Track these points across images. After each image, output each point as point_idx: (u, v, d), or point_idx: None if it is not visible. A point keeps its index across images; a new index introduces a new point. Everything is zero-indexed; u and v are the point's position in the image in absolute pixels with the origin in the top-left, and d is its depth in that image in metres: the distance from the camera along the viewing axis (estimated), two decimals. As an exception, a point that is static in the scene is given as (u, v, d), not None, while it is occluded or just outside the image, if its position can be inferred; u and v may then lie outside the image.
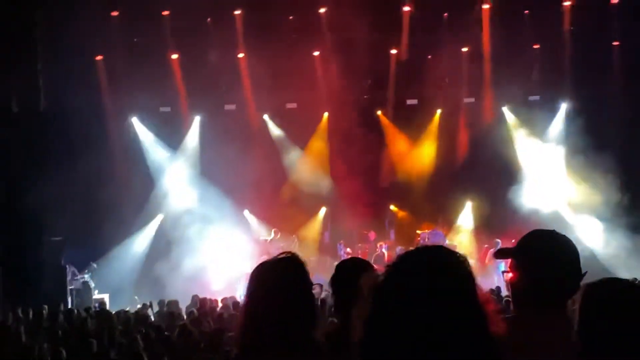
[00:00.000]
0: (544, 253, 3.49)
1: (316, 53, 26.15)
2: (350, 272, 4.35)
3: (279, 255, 3.45)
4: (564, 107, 26.60)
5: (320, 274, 14.91)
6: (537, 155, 26.50)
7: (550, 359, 3.36)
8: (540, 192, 25.92)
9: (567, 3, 25.36)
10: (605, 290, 3.09)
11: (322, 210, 27.01)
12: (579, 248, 3.54)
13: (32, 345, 10.88)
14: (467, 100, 26.96)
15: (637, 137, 24.58)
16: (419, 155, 27.27)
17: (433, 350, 2.06)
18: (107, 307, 20.00)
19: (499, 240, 23.89)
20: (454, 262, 2.21)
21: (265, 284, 3.30)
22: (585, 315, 3.05)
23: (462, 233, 26.81)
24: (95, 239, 23.99)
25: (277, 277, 3.32)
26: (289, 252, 3.45)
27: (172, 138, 26.50)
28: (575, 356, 3.06)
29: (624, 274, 21.32)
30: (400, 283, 2.16)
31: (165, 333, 11.71)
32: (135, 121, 26.25)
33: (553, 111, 26.72)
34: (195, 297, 18.00)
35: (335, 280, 4.41)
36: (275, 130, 27.24)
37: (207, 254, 24.71)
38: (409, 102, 27.10)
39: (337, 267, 4.61)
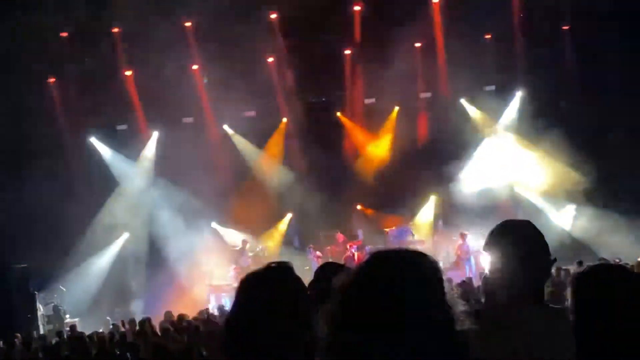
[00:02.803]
0: (513, 244, 3.48)
1: (270, 59, 26.12)
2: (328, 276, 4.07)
3: (269, 264, 3.06)
4: (518, 95, 26.83)
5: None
6: (496, 143, 26.71)
7: (527, 347, 3.36)
8: (503, 180, 26.16)
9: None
10: (598, 278, 3.06)
11: (288, 216, 26.96)
12: (550, 231, 3.56)
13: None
14: (423, 95, 27.08)
15: (591, 119, 24.85)
16: (381, 153, 27.33)
17: (397, 351, 2.04)
18: (79, 330, 19.76)
19: (465, 232, 24.08)
20: (421, 264, 2.17)
21: (251, 296, 2.97)
22: (581, 306, 3.01)
23: (429, 227, 26.91)
24: (61, 261, 23.75)
25: (265, 289, 2.95)
26: (281, 262, 3.08)
27: (131, 155, 26.29)
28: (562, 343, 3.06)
29: (601, 252, 21.67)
30: (365, 287, 2.13)
31: (140, 351, 11.61)
32: (94, 141, 25.99)
33: (508, 99, 26.96)
34: (168, 313, 17.85)
35: (314, 287, 4.12)
36: (236, 139, 27.12)
37: (176, 269, 24.58)
38: (366, 101, 27.18)
39: (316, 273, 4.46)
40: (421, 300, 2.09)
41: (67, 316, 22.61)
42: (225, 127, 27.01)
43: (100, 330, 17.72)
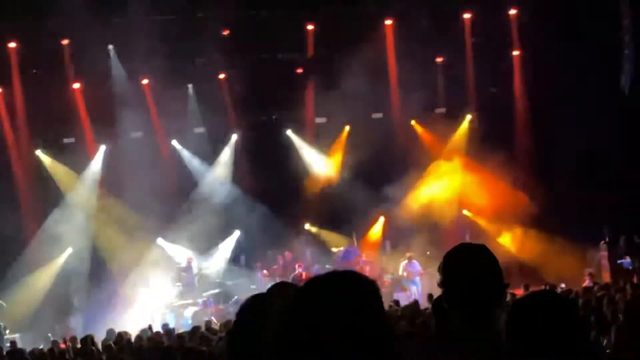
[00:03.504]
0: (465, 268, 3.51)
1: (222, 76, 26.04)
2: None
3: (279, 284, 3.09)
4: (468, 118, 27.10)
5: (241, 298, 14.75)
6: (445, 165, 26.91)
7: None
8: (451, 202, 26.35)
9: (467, 15, 25.95)
10: (529, 305, 3.31)
11: (236, 233, 26.78)
12: (496, 254, 3.58)
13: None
14: (375, 115, 27.17)
15: (539, 142, 25.22)
16: (330, 172, 27.34)
17: None
18: (20, 346, 19.34)
19: (411, 254, 24.24)
20: (361, 287, 2.22)
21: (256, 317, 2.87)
22: (513, 330, 3.23)
23: (376, 248, 26.95)
24: (1, 275, 23.32)
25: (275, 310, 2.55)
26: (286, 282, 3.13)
27: (78, 168, 25.92)
28: None
29: (547, 276, 21.93)
30: (307, 309, 2.17)
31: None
32: (39, 153, 25.58)
33: (458, 122, 27.21)
34: (111, 331, 17.58)
35: None
36: (185, 154, 26.91)
37: (120, 285, 24.29)
38: (317, 120, 27.20)
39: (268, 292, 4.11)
40: (358, 321, 2.13)
41: (7, 332, 22.15)
42: (174, 142, 26.79)
43: (41, 347, 17.39)
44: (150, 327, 17.92)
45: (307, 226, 27.11)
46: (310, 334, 2.10)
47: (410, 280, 24.00)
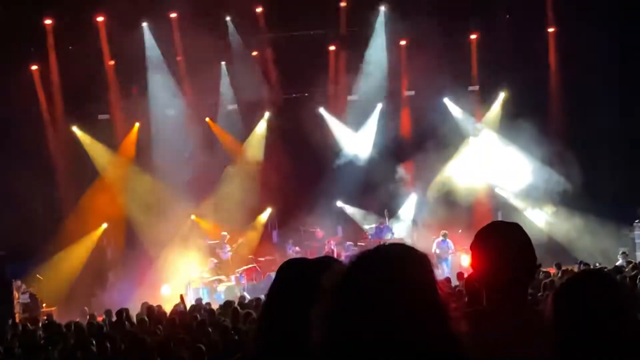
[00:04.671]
0: (500, 246, 3.47)
1: (254, 53, 26.10)
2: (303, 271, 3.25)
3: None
4: (501, 96, 26.91)
5: (272, 275, 14.79)
6: (478, 143, 26.79)
7: (513, 350, 3.35)
8: (483, 180, 26.27)
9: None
10: (578, 287, 3.09)
11: (268, 211, 26.90)
12: (529, 232, 3.56)
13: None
14: (408, 93, 27.09)
15: (573, 121, 24.99)
16: (362, 150, 27.27)
17: (396, 346, 2.03)
18: (56, 319, 19.64)
19: (446, 232, 24.13)
20: (415, 258, 2.17)
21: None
22: (561, 313, 3.03)
23: (408, 225, 26.91)
24: (38, 249, 23.62)
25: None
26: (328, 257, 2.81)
27: (112, 144, 26.15)
28: (542, 345, 3.07)
29: (577, 254, 21.79)
30: (361, 281, 2.11)
31: (119, 343, 11.55)
32: (75, 129, 25.82)
33: (491, 99, 27.04)
34: (145, 305, 17.78)
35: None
36: (218, 132, 27.02)
37: (153, 261, 24.53)
38: (350, 97, 27.16)
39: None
40: (416, 292, 2.09)
41: (44, 305, 22.49)
42: (207, 119, 26.90)
43: (77, 320, 17.64)
44: (183, 302, 18.08)
45: (338, 203, 27.13)
46: (362, 309, 2.06)
47: (443, 258, 23.92)
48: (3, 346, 12.79)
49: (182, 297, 18.33)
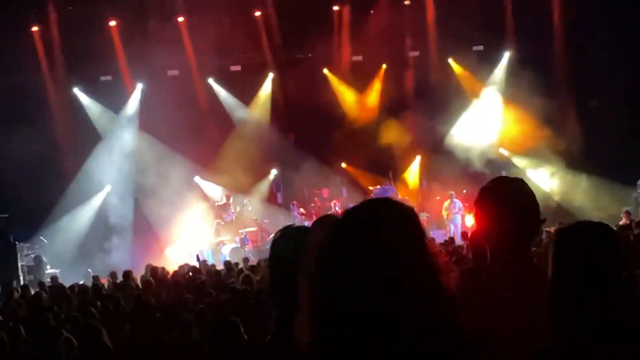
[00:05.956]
0: (504, 200, 3.42)
1: (258, 13, 25.86)
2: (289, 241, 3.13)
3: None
4: (506, 56, 26.71)
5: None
6: (482, 103, 26.65)
7: (514, 304, 3.32)
8: (487, 140, 26.18)
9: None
10: (577, 234, 3.07)
11: (273, 172, 26.89)
12: (535, 192, 3.50)
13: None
14: (412, 53, 26.90)
15: (578, 82, 24.82)
16: (367, 111, 27.14)
17: (384, 303, 2.00)
18: (60, 281, 19.71)
19: (452, 192, 24.13)
20: (401, 212, 2.12)
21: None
22: (560, 261, 3.01)
23: (413, 187, 26.91)
24: (42, 212, 23.67)
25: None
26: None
27: (115, 107, 26.07)
28: (543, 299, 3.03)
29: (579, 215, 21.74)
30: (345, 237, 2.07)
31: (122, 304, 11.57)
32: (77, 92, 25.73)
33: (496, 61, 26.83)
34: (149, 266, 17.82)
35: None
36: (221, 93, 26.90)
37: (157, 222, 24.56)
38: (354, 58, 26.98)
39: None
40: (398, 244, 2.04)
41: (48, 267, 22.57)
42: (210, 80, 26.76)
43: (81, 282, 17.69)
44: (187, 264, 18.12)
45: (343, 165, 27.08)
46: (348, 258, 2.02)
47: (450, 219, 24.03)
48: (9, 308, 12.83)
49: (198, 258, 18.53)
